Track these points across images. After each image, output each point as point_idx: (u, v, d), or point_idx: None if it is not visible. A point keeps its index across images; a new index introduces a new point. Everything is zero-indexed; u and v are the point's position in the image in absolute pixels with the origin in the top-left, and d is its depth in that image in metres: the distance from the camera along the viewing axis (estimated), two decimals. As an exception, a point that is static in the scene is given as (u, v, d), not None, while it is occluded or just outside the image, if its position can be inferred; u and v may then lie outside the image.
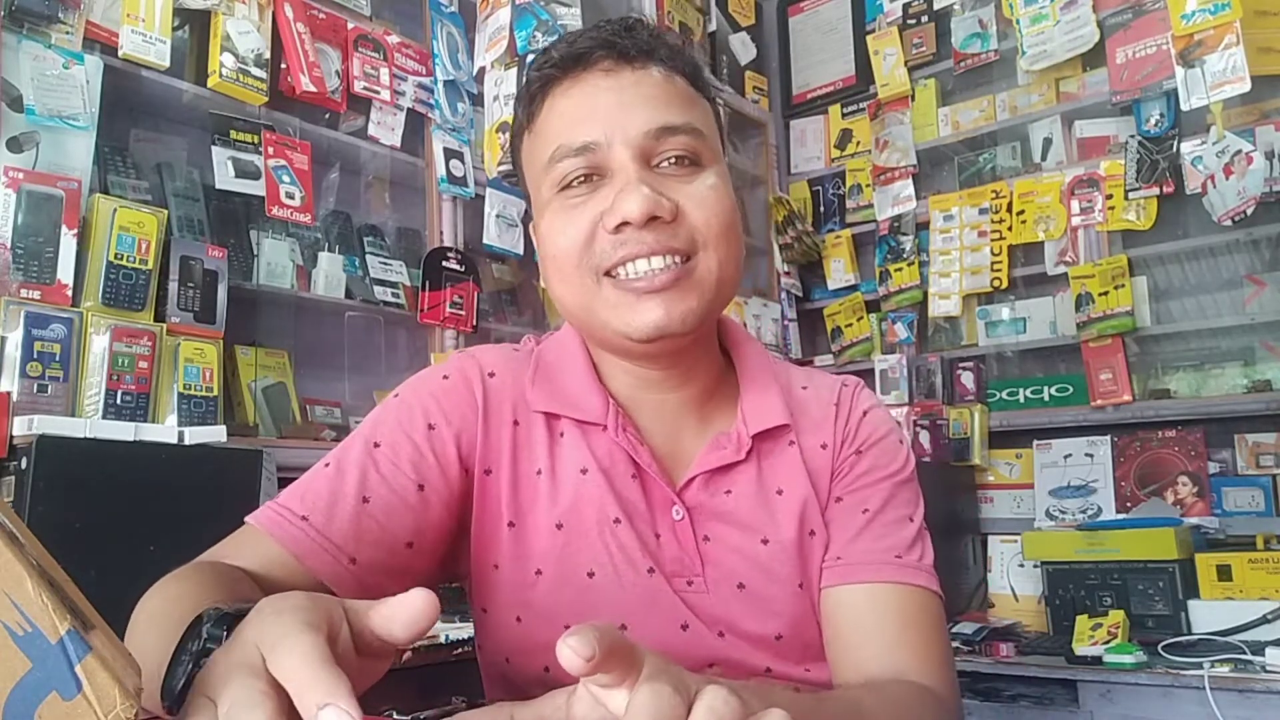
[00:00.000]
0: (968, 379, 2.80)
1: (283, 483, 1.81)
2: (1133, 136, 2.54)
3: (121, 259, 1.67)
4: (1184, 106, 2.33)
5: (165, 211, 1.77)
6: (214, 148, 1.91)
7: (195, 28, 1.96)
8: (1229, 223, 2.36)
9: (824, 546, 0.81)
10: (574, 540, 0.77)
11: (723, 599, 0.77)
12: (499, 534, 0.79)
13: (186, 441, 1.60)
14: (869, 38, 3.12)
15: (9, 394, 1.50)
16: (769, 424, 0.82)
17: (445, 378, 0.81)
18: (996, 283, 2.77)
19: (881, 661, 0.74)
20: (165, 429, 1.62)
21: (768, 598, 0.78)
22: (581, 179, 0.76)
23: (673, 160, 0.76)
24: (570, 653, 0.36)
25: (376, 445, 0.76)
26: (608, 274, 0.75)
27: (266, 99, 1.97)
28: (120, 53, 1.75)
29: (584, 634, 0.37)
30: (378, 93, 2.19)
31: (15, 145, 1.62)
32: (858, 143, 3.19)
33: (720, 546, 0.79)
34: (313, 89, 2.02)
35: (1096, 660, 1.95)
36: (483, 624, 0.82)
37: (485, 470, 0.79)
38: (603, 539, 0.77)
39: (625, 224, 0.73)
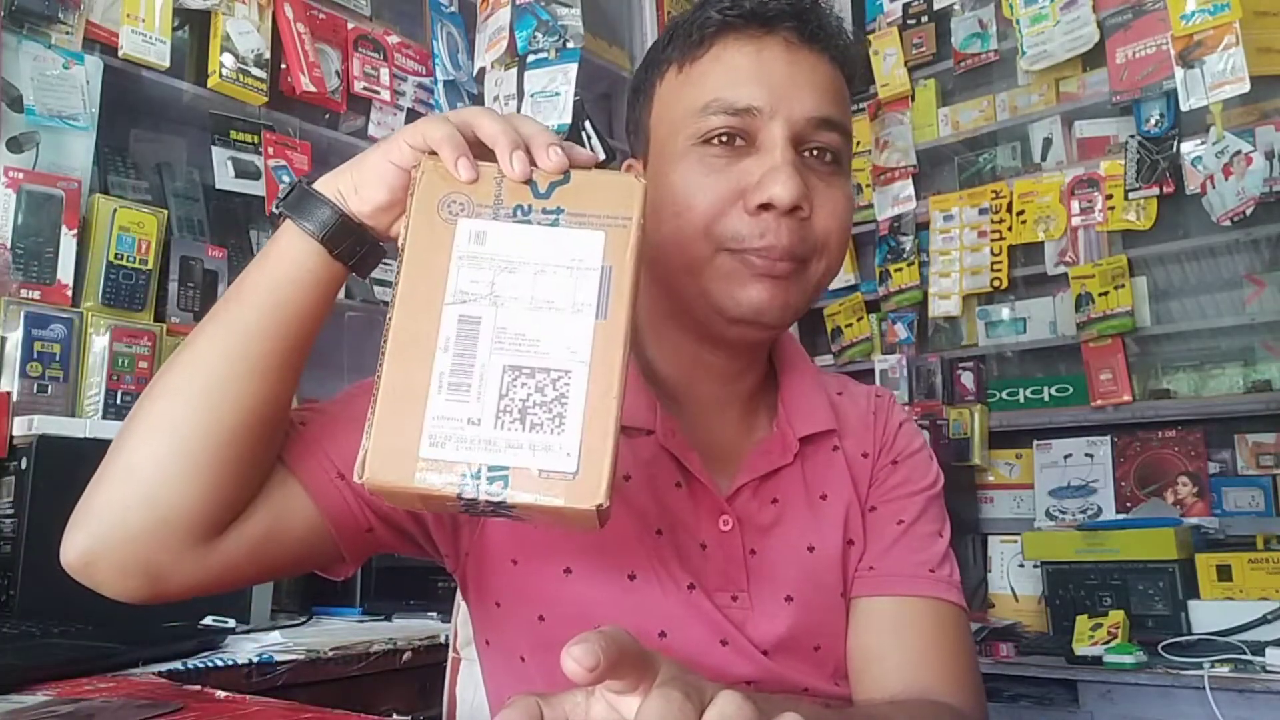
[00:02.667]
0: (968, 379, 2.80)
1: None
2: (1133, 137, 2.54)
3: (121, 259, 1.67)
4: (1184, 107, 2.33)
5: (165, 211, 1.77)
6: (214, 148, 1.91)
7: (195, 28, 1.96)
8: (1229, 223, 2.35)
9: (859, 556, 0.79)
10: (611, 542, 0.73)
11: (768, 614, 0.75)
12: (517, 528, 0.74)
13: (186, 441, 1.59)
14: (869, 38, 3.12)
15: (9, 394, 1.50)
16: (817, 428, 0.80)
17: None
18: (996, 283, 2.77)
19: (905, 676, 0.73)
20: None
21: (813, 608, 0.76)
22: (725, 139, 0.73)
23: (817, 153, 0.74)
24: (573, 663, 0.36)
25: None
26: (728, 249, 0.73)
27: (266, 99, 1.97)
28: (120, 53, 1.75)
29: (588, 643, 0.36)
30: (378, 93, 2.19)
31: (15, 145, 1.62)
32: (857, 143, 3.18)
33: (768, 560, 0.76)
34: (313, 89, 2.02)
35: (1096, 660, 1.95)
36: (497, 622, 0.78)
37: None
38: (643, 546, 0.73)
39: (768, 206, 0.71)
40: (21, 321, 1.55)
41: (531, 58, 2.30)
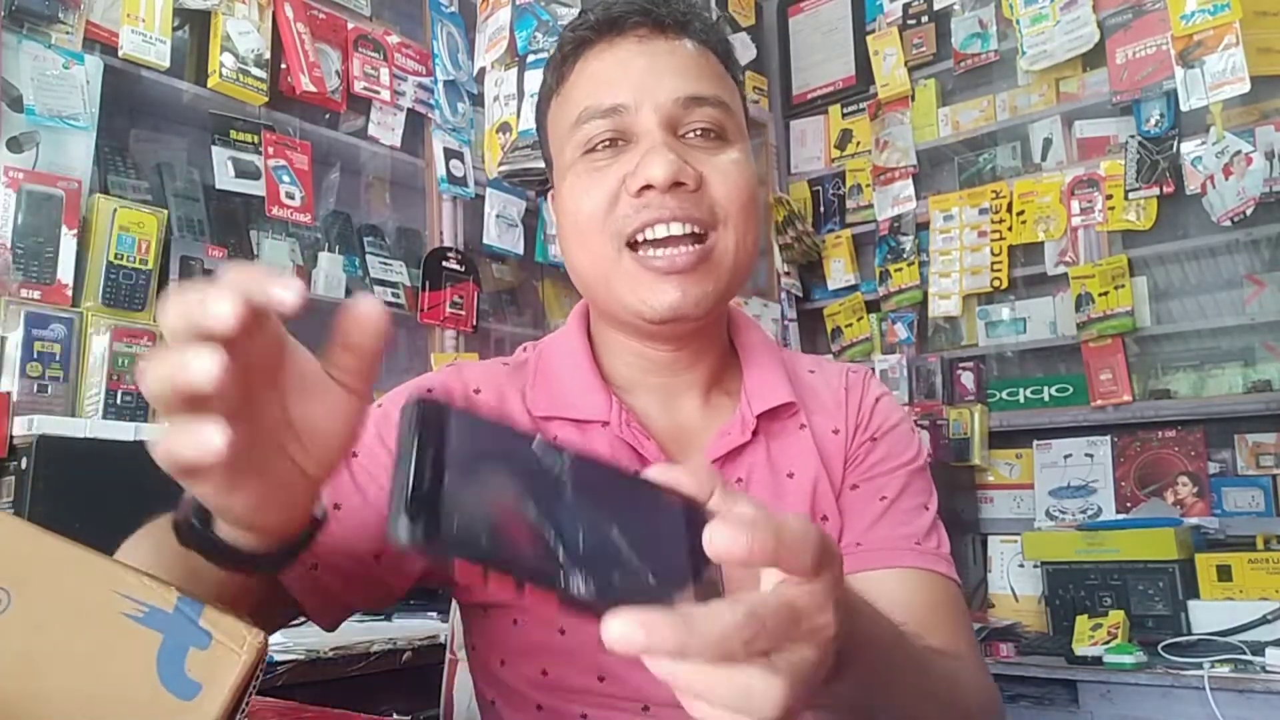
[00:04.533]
0: (968, 379, 2.80)
1: (282, 483, 1.81)
2: (1133, 137, 2.54)
3: (121, 259, 1.67)
4: (1184, 107, 2.33)
5: (165, 211, 1.77)
6: (214, 148, 1.91)
7: (195, 28, 1.96)
8: (1229, 223, 2.35)
9: (837, 533, 0.79)
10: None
11: (732, 592, 0.75)
12: None
13: (186, 441, 1.60)
14: (869, 38, 3.12)
15: (9, 394, 1.51)
16: (773, 402, 0.80)
17: (429, 390, 0.79)
18: (996, 283, 2.77)
19: None
20: (165, 429, 1.62)
21: None
22: (607, 143, 0.76)
23: (699, 131, 0.76)
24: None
25: (354, 454, 0.74)
26: (630, 245, 0.74)
27: (266, 99, 1.98)
28: (120, 53, 1.76)
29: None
30: (378, 93, 2.19)
31: (15, 145, 1.62)
32: (858, 143, 3.19)
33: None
34: (313, 89, 2.02)
35: (1096, 660, 1.95)
36: (479, 626, 0.80)
37: None
38: None
39: (649, 187, 0.73)
40: (21, 321, 1.55)
41: (531, 58, 2.30)
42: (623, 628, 0.33)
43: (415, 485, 0.36)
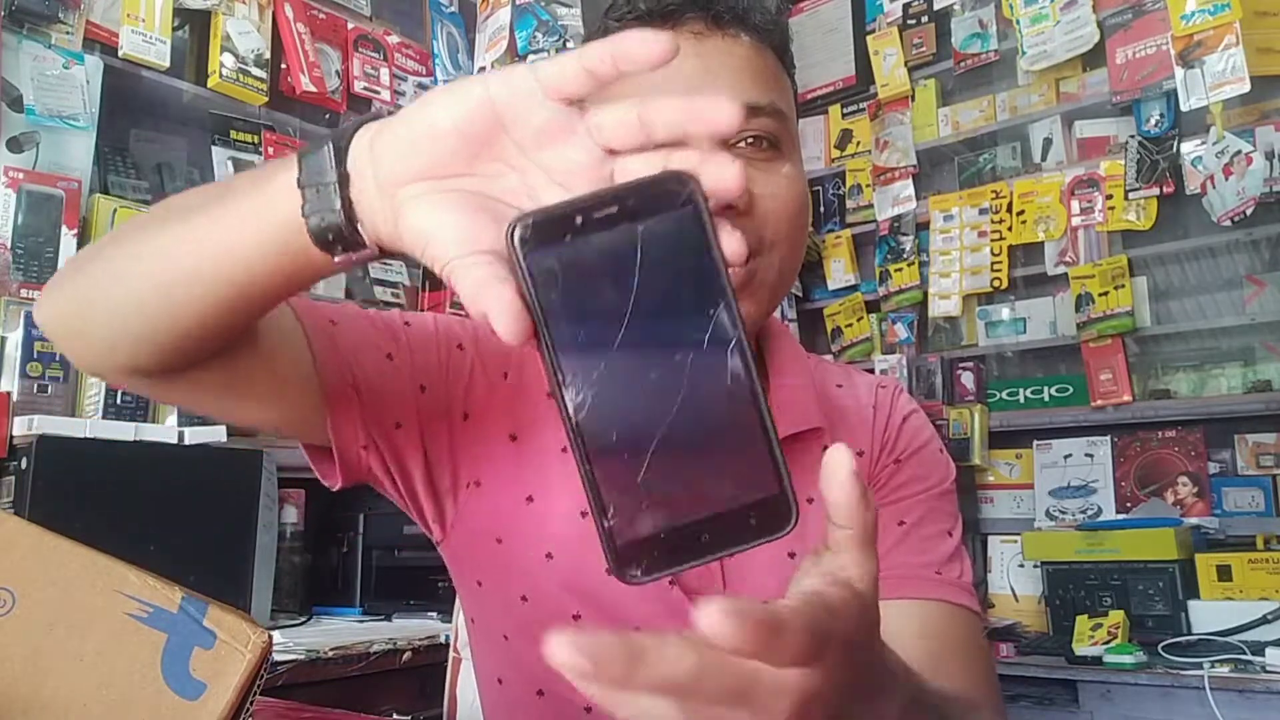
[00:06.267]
0: (968, 379, 2.80)
1: (283, 483, 1.82)
2: (1133, 137, 2.54)
3: (121, 259, 1.67)
4: (1184, 107, 2.33)
5: (165, 211, 1.77)
6: (214, 148, 1.91)
7: (195, 28, 1.96)
8: (1229, 223, 2.36)
9: None
10: (592, 534, 0.73)
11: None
12: (509, 504, 0.73)
13: (186, 442, 1.60)
14: (869, 38, 3.12)
15: (9, 394, 1.50)
16: (799, 427, 0.75)
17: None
18: (996, 283, 2.77)
19: None
20: (165, 429, 1.62)
21: None
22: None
23: (751, 141, 0.70)
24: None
25: (407, 324, 0.73)
26: None
27: (266, 99, 1.98)
28: (120, 53, 1.75)
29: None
30: (378, 93, 2.19)
31: (15, 145, 1.62)
32: (858, 143, 3.19)
33: (745, 564, 0.73)
34: (313, 89, 2.02)
35: (1096, 660, 1.95)
36: (476, 597, 0.77)
37: (510, 435, 0.74)
38: None
39: None
40: (21, 321, 1.55)
41: (531, 58, 2.30)
42: (568, 650, 0.31)
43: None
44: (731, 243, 0.38)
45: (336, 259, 0.48)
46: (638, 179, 0.39)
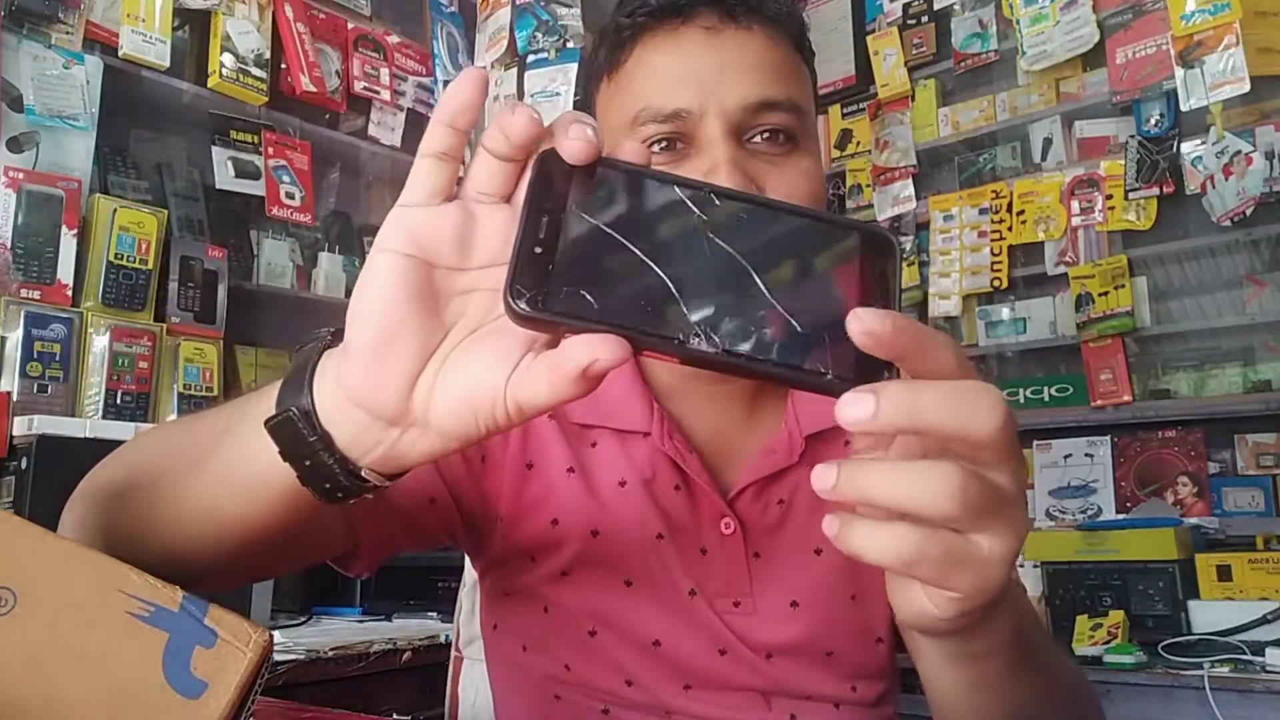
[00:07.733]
0: (968, 379, 2.80)
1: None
2: (1133, 137, 2.54)
3: (121, 259, 1.67)
4: (1184, 107, 2.33)
5: (165, 211, 1.77)
6: (214, 148, 1.91)
7: (195, 28, 1.96)
8: (1229, 223, 2.36)
9: None
10: (608, 547, 0.71)
11: (773, 619, 0.72)
12: (531, 523, 0.73)
13: (187, 441, 1.59)
14: (869, 38, 3.12)
15: (9, 394, 1.50)
16: (824, 424, 0.73)
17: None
18: (996, 283, 2.77)
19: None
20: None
21: (820, 613, 0.73)
22: (665, 144, 0.69)
23: (766, 135, 0.69)
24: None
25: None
26: None
27: (266, 99, 1.98)
28: (120, 53, 1.76)
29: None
30: (378, 93, 2.19)
31: (15, 145, 1.62)
32: (858, 143, 3.19)
33: (772, 563, 0.73)
34: (313, 89, 2.02)
35: (1096, 660, 1.95)
36: (504, 608, 0.77)
37: (526, 463, 0.74)
38: (642, 554, 0.71)
39: None
40: (21, 321, 1.55)
41: (531, 58, 2.30)
42: (853, 400, 0.33)
43: (525, 247, 0.35)
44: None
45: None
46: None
